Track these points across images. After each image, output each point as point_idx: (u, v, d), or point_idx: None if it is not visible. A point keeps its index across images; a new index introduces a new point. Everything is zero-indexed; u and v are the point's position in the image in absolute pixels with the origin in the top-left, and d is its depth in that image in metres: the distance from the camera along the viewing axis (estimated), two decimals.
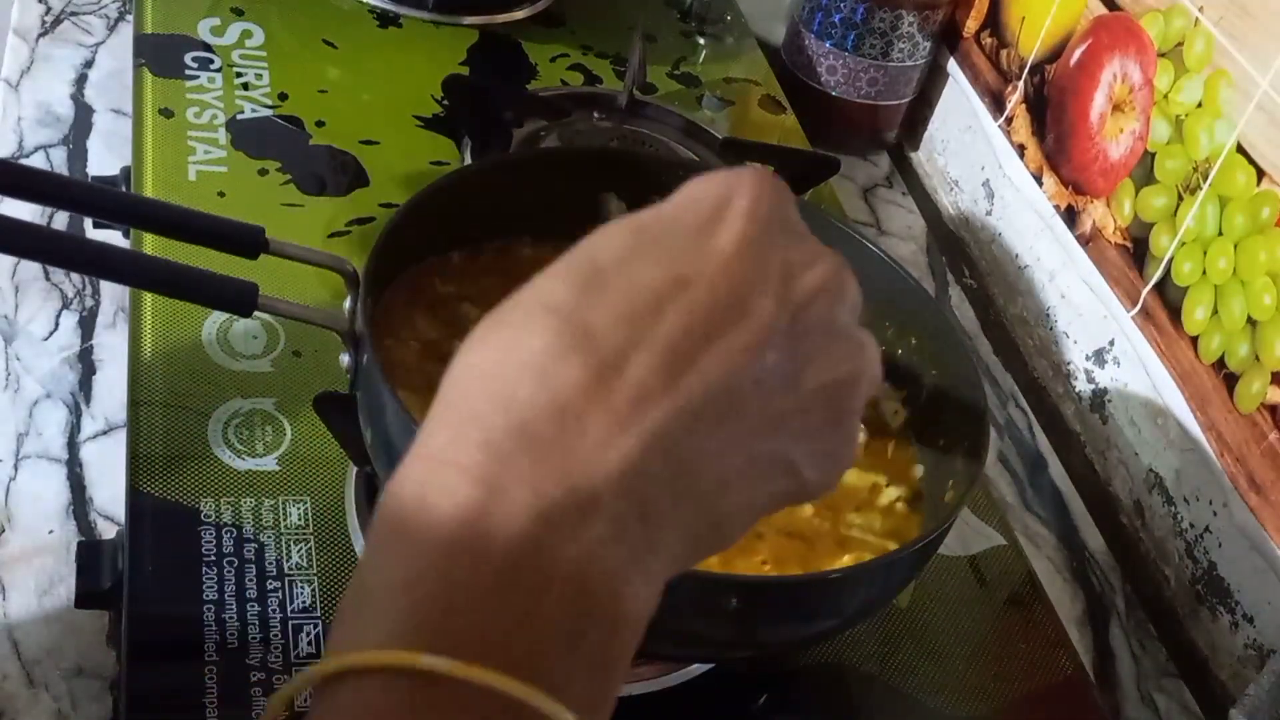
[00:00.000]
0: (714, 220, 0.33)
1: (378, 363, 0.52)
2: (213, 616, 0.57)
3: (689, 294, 0.32)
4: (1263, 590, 0.71)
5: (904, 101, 1.05)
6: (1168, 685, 0.74)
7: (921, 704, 0.64)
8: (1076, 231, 0.89)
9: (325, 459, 0.64)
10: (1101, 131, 0.87)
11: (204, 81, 0.85)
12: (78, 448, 0.67)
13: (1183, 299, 0.78)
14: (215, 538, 0.60)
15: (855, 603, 0.54)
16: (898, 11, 0.98)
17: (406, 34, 0.96)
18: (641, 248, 0.33)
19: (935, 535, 0.54)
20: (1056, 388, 0.91)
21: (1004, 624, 0.69)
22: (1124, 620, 0.77)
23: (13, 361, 0.70)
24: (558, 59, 0.98)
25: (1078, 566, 0.79)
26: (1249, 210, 0.73)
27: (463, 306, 0.62)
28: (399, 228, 0.57)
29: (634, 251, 0.33)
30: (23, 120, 0.84)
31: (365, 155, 0.84)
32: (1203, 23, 0.77)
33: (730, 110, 0.99)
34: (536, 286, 0.33)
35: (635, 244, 0.33)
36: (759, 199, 0.34)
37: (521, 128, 0.87)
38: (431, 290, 0.62)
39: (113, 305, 0.74)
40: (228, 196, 0.77)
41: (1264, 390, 0.72)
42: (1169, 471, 0.79)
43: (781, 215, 0.35)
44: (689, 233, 0.33)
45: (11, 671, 0.58)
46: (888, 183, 1.06)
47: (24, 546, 0.62)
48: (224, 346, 0.69)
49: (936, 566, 0.68)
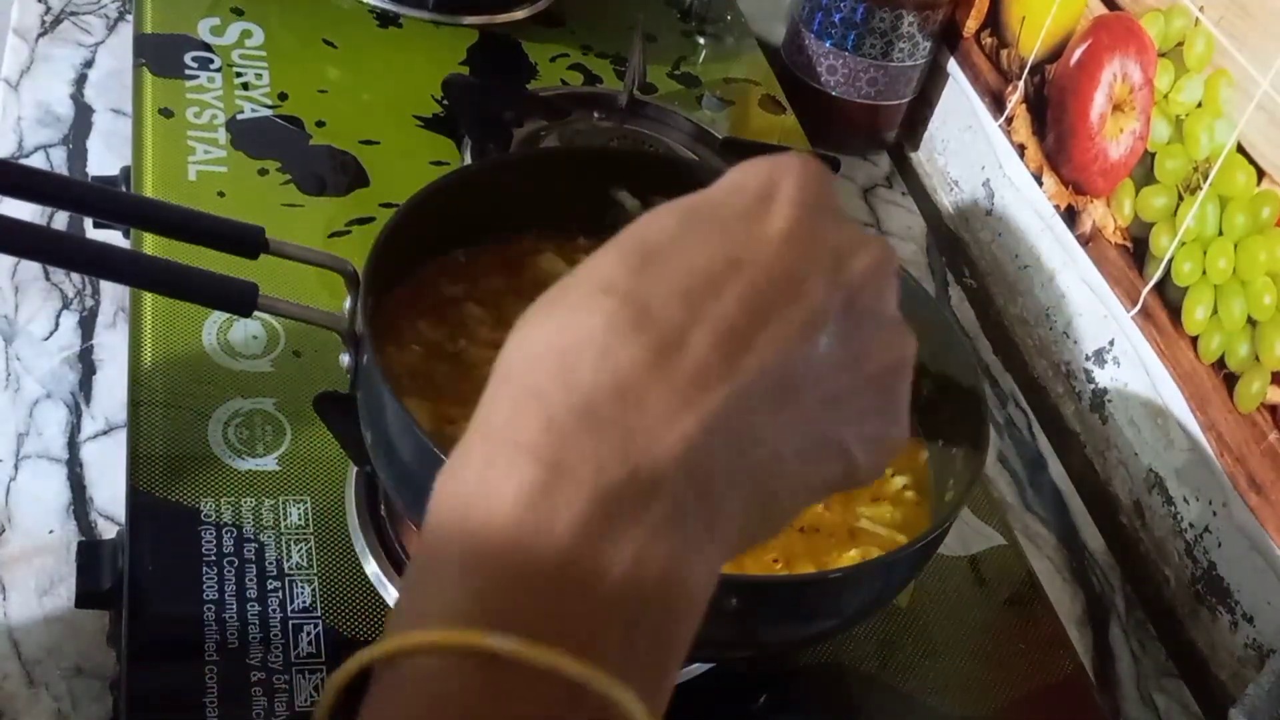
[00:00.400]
0: (763, 205, 0.34)
1: (378, 364, 0.52)
2: (213, 616, 0.57)
3: (745, 275, 0.32)
4: (1262, 590, 0.71)
5: (904, 101, 1.05)
6: (1168, 685, 0.74)
7: (921, 704, 0.64)
8: (1077, 231, 0.89)
9: (325, 459, 0.64)
10: (1102, 131, 0.87)
11: (204, 81, 0.85)
12: (78, 448, 0.67)
13: (1183, 299, 0.78)
14: (215, 538, 0.60)
15: (855, 603, 0.54)
16: (898, 11, 0.98)
17: (406, 34, 0.96)
18: (693, 230, 0.33)
19: (935, 535, 0.54)
20: (1056, 388, 0.91)
21: (1004, 624, 0.69)
22: (1124, 620, 0.77)
23: (13, 361, 0.70)
24: (558, 59, 0.98)
25: (1078, 566, 0.79)
26: (1249, 210, 0.73)
27: (467, 306, 0.62)
28: (399, 228, 0.57)
29: (686, 233, 0.33)
30: (23, 120, 0.84)
31: (365, 155, 0.84)
32: (1203, 22, 0.77)
33: (730, 110, 0.99)
34: (591, 267, 0.32)
35: (687, 226, 0.33)
36: (805, 185, 0.34)
37: (521, 128, 0.87)
38: (435, 292, 0.62)
39: (113, 305, 0.74)
40: (228, 196, 0.77)
41: (1264, 390, 0.72)
42: (1169, 471, 0.79)
43: (827, 200, 0.35)
44: (738, 217, 0.33)
45: (11, 671, 0.58)
46: (888, 183, 1.06)
47: (24, 546, 0.62)
48: (224, 346, 0.68)
49: (936, 566, 0.68)
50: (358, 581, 0.60)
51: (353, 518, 0.62)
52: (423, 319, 0.60)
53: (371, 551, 0.61)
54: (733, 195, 0.34)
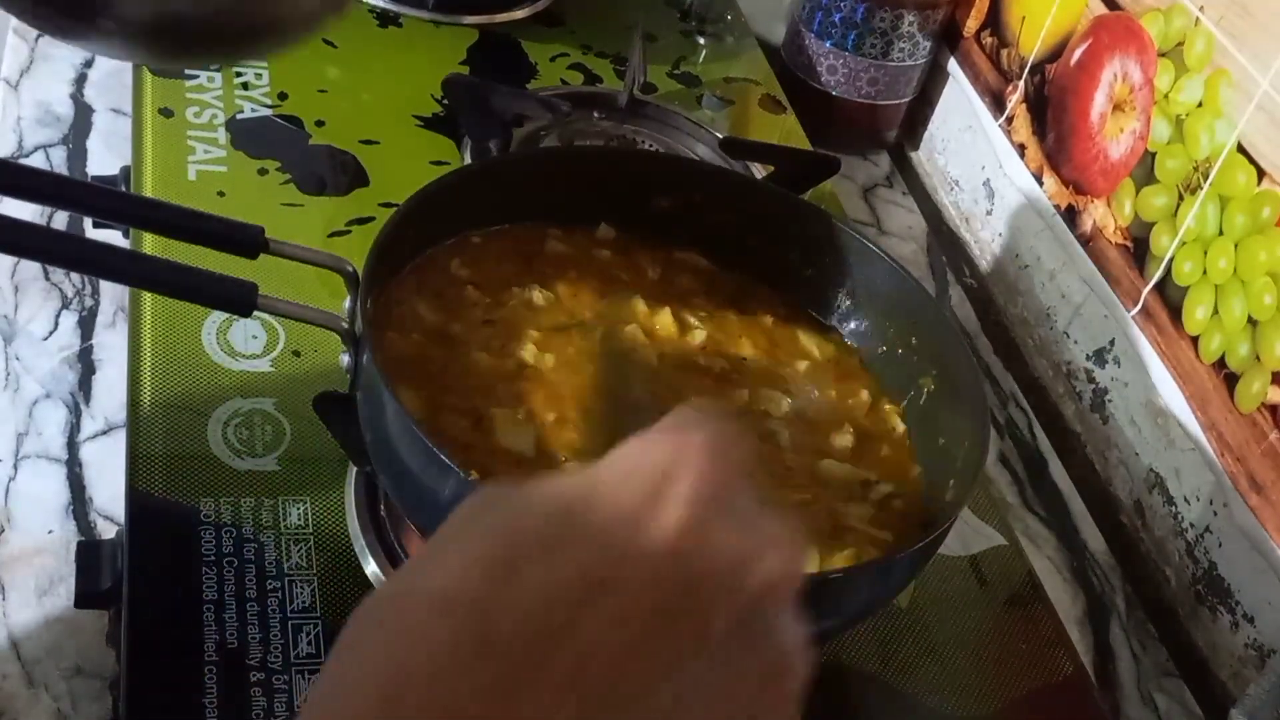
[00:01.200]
0: (651, 503, 0.29)
1: (377, 363, 0.52)
2: (213, 616, 0.57)
3: (613, 600, 0.28)
4: (1263, 590, 0.71)
5: (904, 101, 1.05)
6: (1168, 685, 0.74)
7: (921, 704, 0.64)
8: (1077, 231, 0.89)
9: (325, 459, 0.64)
10: (1102, 131, 0.87)
11: (203, 81, 0.85)
12: (77, 448, 0.67)
13: (1183, 299, 0.78)
14: (215, 538, 0.60)
15: (855, 603, 0.54)
16: (898, 11, 0.98)
17: (406, 33, 0.96)
18: (563, 534, 0.29)
19: (935, 535, 0.54)
20: (1057, 387, 0.91)
21: (1004, 624, 0.69)
22: (1124, 620, 0.77)
23: (12, 361, 0.70)
24: (558, 58, 0.98)
25: (1078, 566, 0.79)
26: (1249, 210, 0.73)
27: (465, 290, 0.62)
28: (398, 228, 0.57)
29: (555, 538, 0.29)
30: (22, 120, 0.84)
31: (365, 155, 0.84)
32: (1203, 22, 0.77)
33: (730, 110, 0.99)
34: (436, 565, 0.29)
35: (558, 528, 0.29)
36: (707, 475, 0.30)
37: (521, 128, 0.87)
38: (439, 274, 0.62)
39: (112, 305, 0.74)
40: (227, 196, 0.77)
41: (1264, 390, 0.72)
42: (1169, 471, 0.79)
43: (734, 491, 0.30)
44: (619, 519, 0.29)
45: (11, 671, 0.58)
46: (888, 182, 1.06)
47: (24, 546, 0.62)
48: (224, 346, 0.68)
49: (936, 566, 0.68)
50: (357, 582, 0.60)
51: (352, 518, 0.62)
52: (422, 302, 0.60)
53: (371, 552, 0.61)
54: (619, 487, 0.30)
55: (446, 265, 0.63)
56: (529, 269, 0.64)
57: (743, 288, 0.68)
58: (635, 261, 0.67)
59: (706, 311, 0.66)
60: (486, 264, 0.64)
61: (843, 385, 0.65)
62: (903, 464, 0.62)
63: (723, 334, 0.65)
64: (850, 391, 0.65)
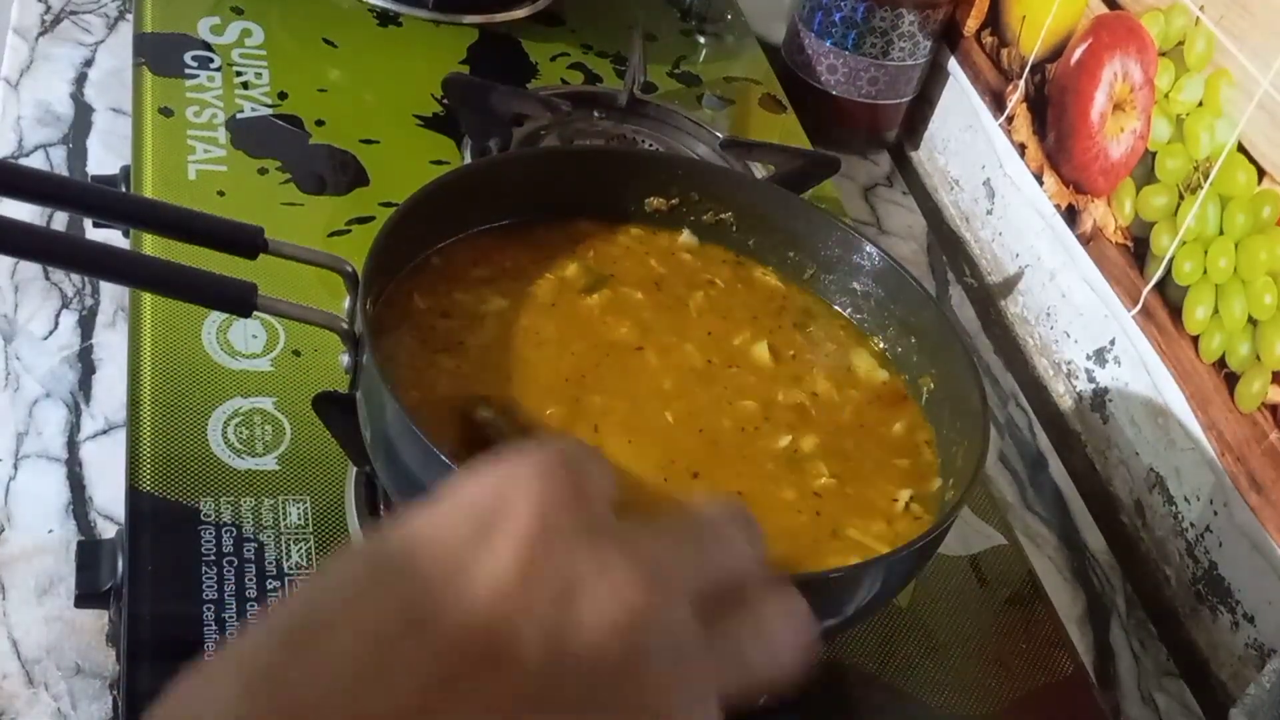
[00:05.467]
0: (479, 539, 0.27)
1: (377, 363, 0.52)
2: (213, 616, 0.57)
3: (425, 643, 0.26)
4: (1263, 590, 0.71)
5: (904, 101, 1.05)
6: (1168, 685, 0.74)
7: (922, 703, 0.64)
8: (1077, 231, 0.89)
9: (325, 459, 0.64)
10: (1102, 130, 0.87)
11: (203, 80, 0.85)
12: (77, 447, 0.67)
13: (1183, 298, 0.78)
14: (215, 537, 0.60)
15: (855, 603, 0.54)
16: (898, 10, 0.98)
17: (406, 33, 0.96)
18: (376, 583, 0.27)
19: (935, 535, 0.54)
20: (1057, 387, 0.91)
21: (1004, 623, 0.69)
22: (1124, 620, 0.77)
23: (12, 361, 0.70)
24: (558, 58, 0.98)
25: (1078, 566, 0.79)
26: (1250, 209, 0.73)
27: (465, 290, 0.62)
28: (398, 228, 0.57)
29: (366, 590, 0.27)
30: (22, 119, 0.84)
31: (365, 155, 0.84)
32: (1203, 22, 0.77)
33: (730, 109, 0.99)
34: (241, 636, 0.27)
35: (369, 579, 0.27)
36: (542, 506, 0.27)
37: (521, 127, 0.87)
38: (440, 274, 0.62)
39: (112, 305, 0.74)
40: (227, 196, 0.77)
41: (1265, 390, 0.71)
42: (1169, 471, 0.79)
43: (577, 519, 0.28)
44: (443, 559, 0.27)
45: (11, 671, 0.58)
46: (888, 182, 1.06)
47: (24, 546, 0.62)
48: (223, 346, 0.68)
49: (936, 566, 0.68)
50: None
51: (353, 518, 0.62)
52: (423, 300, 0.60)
53: None
54: (446, 528, 0.27)
55: (446, 265, 0.63)
56: (529, 268, 0.64)
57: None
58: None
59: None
60: (487, 264, 0.64)
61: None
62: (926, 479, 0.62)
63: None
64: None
